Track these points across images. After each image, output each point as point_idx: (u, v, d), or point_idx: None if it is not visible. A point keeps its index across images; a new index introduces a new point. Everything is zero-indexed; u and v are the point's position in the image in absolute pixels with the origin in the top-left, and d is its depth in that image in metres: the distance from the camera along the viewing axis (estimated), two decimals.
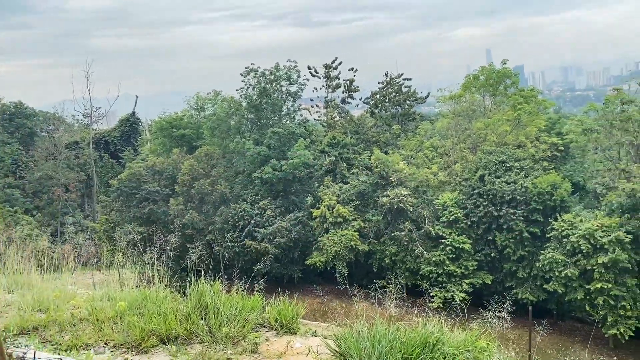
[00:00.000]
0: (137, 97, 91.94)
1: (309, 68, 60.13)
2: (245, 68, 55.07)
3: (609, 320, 37.81)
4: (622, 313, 37.65)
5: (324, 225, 48.17)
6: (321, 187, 50.69)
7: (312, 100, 65.12)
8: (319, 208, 48.81)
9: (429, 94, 63.59)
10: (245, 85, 55.03)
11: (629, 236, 37.69)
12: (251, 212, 49.84)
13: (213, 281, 10.44)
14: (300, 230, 49.88)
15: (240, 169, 54.08)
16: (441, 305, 42.73)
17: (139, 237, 20.50)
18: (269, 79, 54.56)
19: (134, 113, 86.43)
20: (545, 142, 50.52)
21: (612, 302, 37.71)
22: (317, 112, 63.54)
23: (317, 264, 47.70)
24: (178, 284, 12.25)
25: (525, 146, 48.21)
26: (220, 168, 53.97)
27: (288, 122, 56.82)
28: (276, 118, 56.47)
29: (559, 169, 47.51)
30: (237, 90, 55.96)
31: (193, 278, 10.14)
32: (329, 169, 53.18)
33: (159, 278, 11.29)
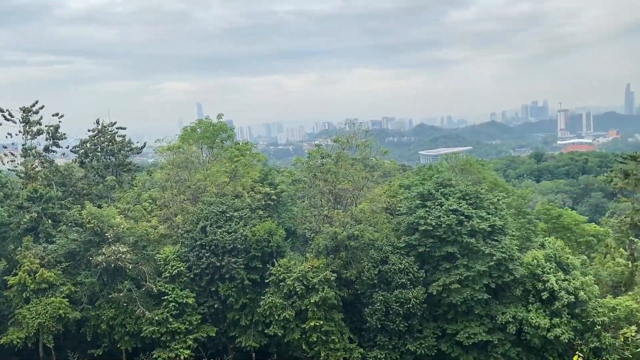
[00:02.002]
0: None
1: (1, 111, 51.91)
2: None
3: (322, 355, 41.23)
4: (332, 346, 41.57)
5: (24, 294, 41.23)
6: (19, 249, 43.39)
7: (5, 147, 56.10)
8: (16, 274, 41.55)
9: (145, 144, 61.49)
10: None
11: (334, 275, 42.31)
12: None
13: None
14: None
15: None
16: None
17: None
18: None
19: None
20: (259, 192, 53.56)
21: (324, 338, 41.35)
22: (12, 160, 54.79)
23: (15, 342, 40.09)
24: None
25: (243, 196, 50.25)
26: None
27: None
28: None
29: (273, 217, 50.81)
30: None
31: None
32: (29, 227, 46.05)
33: None
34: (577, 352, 34.97)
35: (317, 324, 41.10)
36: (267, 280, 43.22)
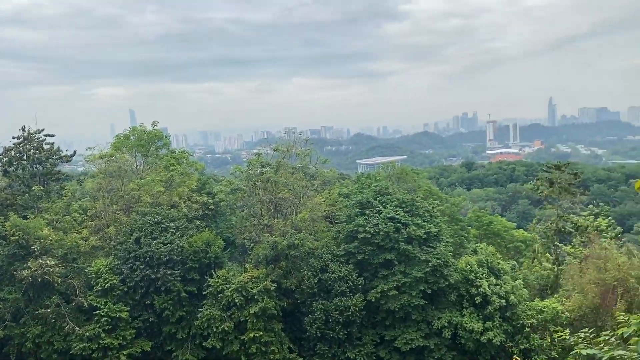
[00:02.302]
0: None
1: None
2: None
3: None
4: (271, 357, 41.11)
5: None
6: None
7: None
8: None
9: (75, 152, 58.75)
10: None
11: (273, 284, 41.99)
12: None
13: None
14: None
15: None
16: None
17: None
18: None
19: None
20: (197, 202, 52.44)
21: (263, 349, 40.86)
22: None
23: None
24: None
25: (179, 206, 49.05)
26: None
27: None
28: None
29: (211, 227, 49.90)
30: None
31: None
32: None
33: None
34: (514, 356, 36.53)
35: (257, 335, 40.59)
36: (204, 292, 42.30)
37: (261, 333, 40.70)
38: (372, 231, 42.62)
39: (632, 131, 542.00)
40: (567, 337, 10.61)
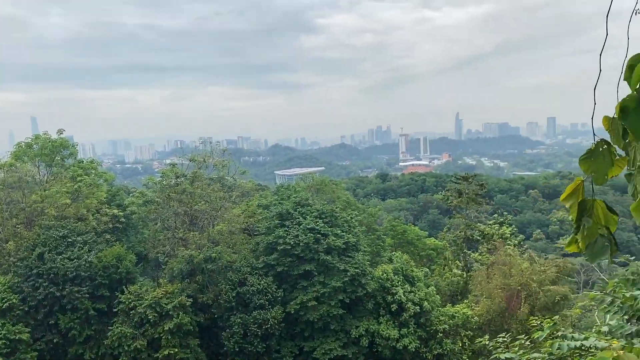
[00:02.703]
0: None
1: None
2: None
3: None
4: None
5: None
6: None
7: None
8: None
9: None
10: None
11: (189, 300, 40.64)
12: None
13: None
14: None
15: None
16: None
17: None
18: None
19: None
20: (106, 214, 49.84)
21: None
22: None
23: None
24: None
25: (87, 219, 46.40)
26: None
27: None
28: None
29: (122, 241, 47.56)
30: None
31: None
32: None
33: None
34: None
35: (172, 352, 39.05)
36: (115, 309, 40.18)
37: (176, 350, 39.23)
38: (292, 242, 42.51)
39: (530, 145, 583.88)
40: (487, 342, 11.02)
